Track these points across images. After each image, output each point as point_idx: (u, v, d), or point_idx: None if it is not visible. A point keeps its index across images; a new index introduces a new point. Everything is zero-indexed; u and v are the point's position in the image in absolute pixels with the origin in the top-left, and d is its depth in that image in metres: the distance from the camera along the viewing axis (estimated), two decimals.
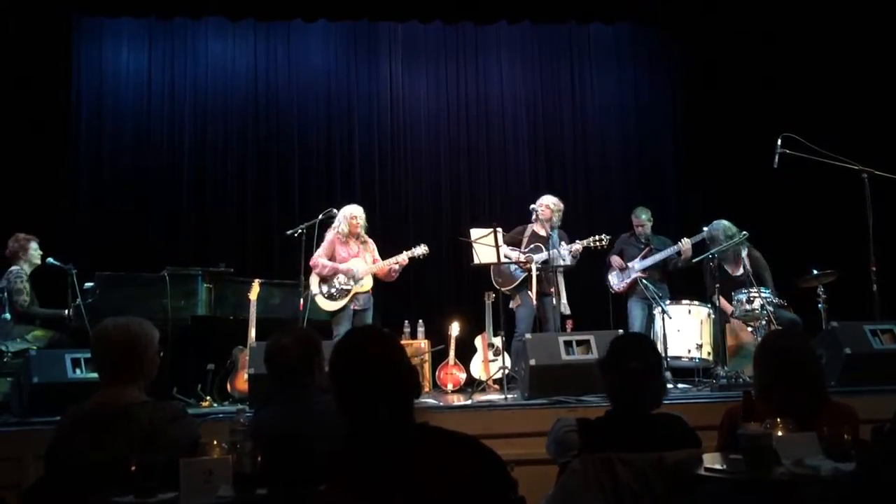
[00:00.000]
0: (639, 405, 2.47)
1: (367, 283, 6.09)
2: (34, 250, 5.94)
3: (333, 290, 6.05)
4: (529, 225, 6.38)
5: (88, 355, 4.65)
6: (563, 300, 6.08)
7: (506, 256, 6.04)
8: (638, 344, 2.63)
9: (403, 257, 6.16)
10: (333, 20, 8.03)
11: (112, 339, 2.42)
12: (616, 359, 2.53)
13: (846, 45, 7.33)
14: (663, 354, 5.96)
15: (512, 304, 6.29)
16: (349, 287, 6.03)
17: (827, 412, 2.58)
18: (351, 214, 6.15)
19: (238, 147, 7.95)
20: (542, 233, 6.31)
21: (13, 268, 5.83)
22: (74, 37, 7.70)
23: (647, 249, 6.57)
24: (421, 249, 6.21)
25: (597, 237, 6.20)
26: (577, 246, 6.17)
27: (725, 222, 6.16)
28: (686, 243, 6.32)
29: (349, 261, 6.10)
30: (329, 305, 6.06)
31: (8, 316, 5.59)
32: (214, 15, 7.78)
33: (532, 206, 6.38)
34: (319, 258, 6.08)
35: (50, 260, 5.80)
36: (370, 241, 6.31)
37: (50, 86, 7.33)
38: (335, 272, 6.04)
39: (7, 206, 6.60)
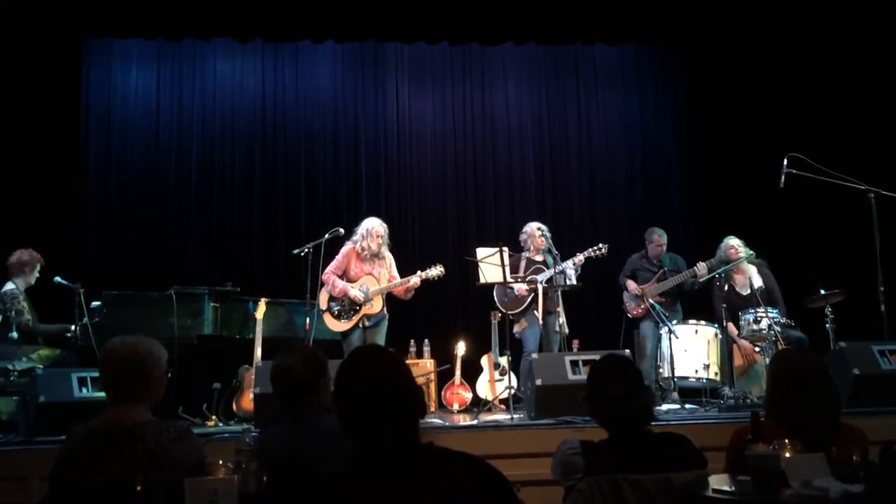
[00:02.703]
0: (630, 427, 2.45)
1: (376, 305, 5.94)
2: (36, 271, 5.94)
3: (341, 309, 5.95)
4: (523, 253, 6.37)
5: (95, 374, 4.66)
6: (563, 320, 6.06)
7: (509, 285, 6.04)
8: (616, 367, 2.56)
9: (416, 280, 5.94)
10: (341, 41, 8.09)
11: (119, 358, 2.42)
12: (596, 386, 2.51)
13: (852, 63, 7.35)
14: (670, 374, 5.96)
15: (517, 328, 6.26)
16: (358, 307, 5.94)
17: (839, 434, 2.56)
18: (377, 232, 5.97)
19: (245, 167, 8.00)
20: (538, 258, 6.33)
21: (6, 288, 5.80)
22: (84, 58, 7.77)
23: (660, 273, 6.61)
24: (436, 270, 5.97)
25: (595, 247, 6.23)
26: (580, 257, 6.21)
27: (728, 240, 6.22)
28: (702, 267, 6.37)
29: (361, 278, 5.98)
30: (336, 325, 5.96)
31: (15, 335, 5.57)
32: (223, 36, 7.84)
33: (521, 237, 6.43)
34: (332, 275, 5.98)
35: (57, 279, 5.78)
36: (388, 255, 6.13)
37: (59, 106, 7.39)
38: (345, 294, 5.93)
39: (16, 225, 6.63)
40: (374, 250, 5.97)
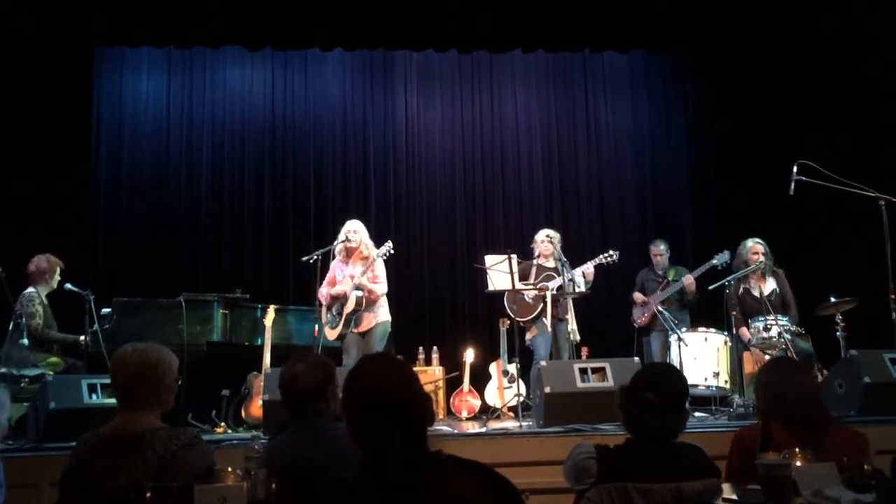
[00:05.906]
0: (653, 436, 2.42)
1: (352, 303, 5.82)
2: (57, 275, 5.93)
3: (331, 318, 5.88)
4: (534, 260, 6.38)
5: (105, 381, 4.68)
6: (574, 326, 6.04)
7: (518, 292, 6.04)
8: (662, 377, 2.52)
9: (372, 260, 5.84)
10: (350, 49, 8.10)
11: (130, 365, 2.43)
12: (636, 388, 2.48)
13: (862, 69, 7.32)
14: None
15: (528, 336, 6.26)
16: (341, 311, 5.84)
17: (832, 438, 2.56)
18: (347, 229, 5.94)
19: (255, 174, 8.03)
20: (550, 264, 6.33)
21: (27, 290, 5.80)
22: (95, 67, 7.82)
23: (664, 283, 6.71)
24: (384, 249, 5.84)
25: (606, 254, 6.26)
26: (590, 267, 6.19)
27: (752, 244, 6.21)
28: (689, 278, 6.50)
29: (343, 282, 5.90)
30: (330, 334, 5.89)
31: (26, 341, 5.57)
32: (233, 44, 7.85)
33: (532, 245, 6.45)
34: (323, 288, 5.93)
35: (68, 286, 5.82)
36: (373, 256, 5.90)
37: (71, 115, 7.43)
38: (330, 298, 5.86)
39: (28, 232, 6.68)
40: (345, 248, 5.88)
